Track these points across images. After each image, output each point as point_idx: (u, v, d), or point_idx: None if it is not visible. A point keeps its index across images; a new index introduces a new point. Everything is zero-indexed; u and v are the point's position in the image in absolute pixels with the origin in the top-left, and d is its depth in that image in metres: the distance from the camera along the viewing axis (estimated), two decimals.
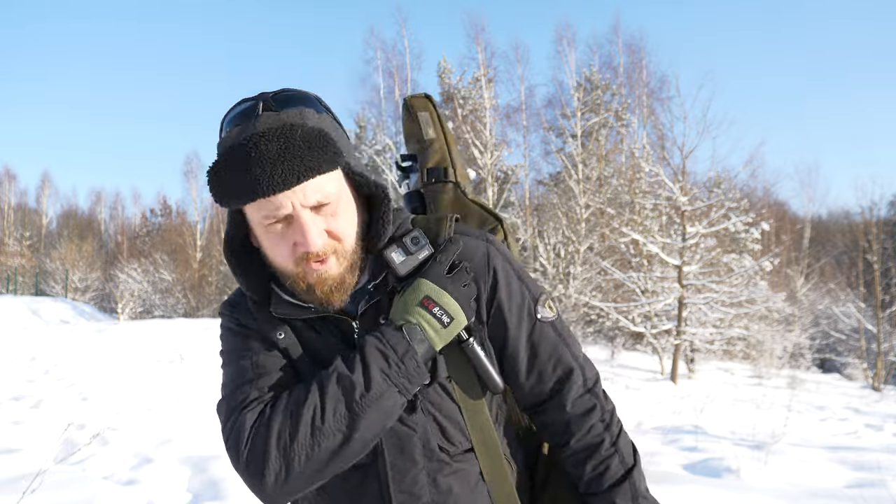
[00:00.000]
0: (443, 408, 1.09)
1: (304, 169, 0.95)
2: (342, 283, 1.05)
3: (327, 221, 1.02)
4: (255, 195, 0.95)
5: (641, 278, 17.24)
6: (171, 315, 28.60)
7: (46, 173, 61.37)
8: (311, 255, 1.01)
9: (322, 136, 0.98)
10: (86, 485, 3.81)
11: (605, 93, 27.29)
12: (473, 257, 1.13)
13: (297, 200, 0.97)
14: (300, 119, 1.00)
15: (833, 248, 32.83)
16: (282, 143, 0.95)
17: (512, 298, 1.14)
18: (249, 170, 0.94)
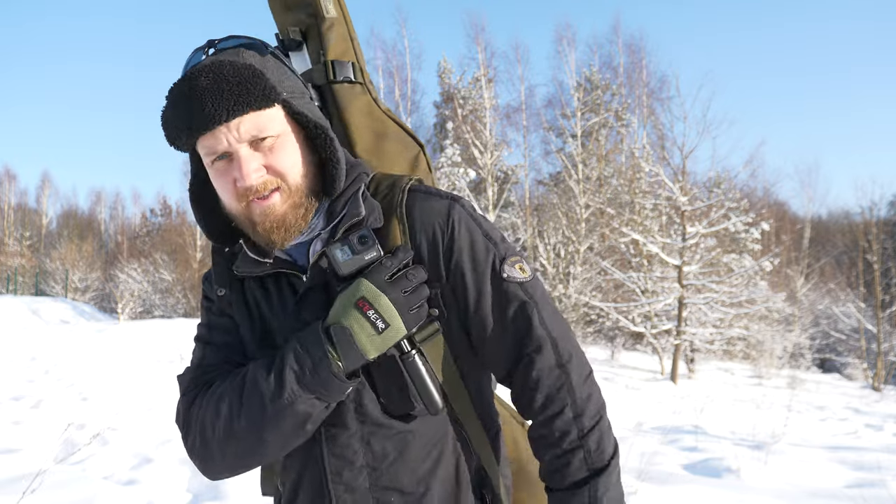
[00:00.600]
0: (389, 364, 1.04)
1: (234, 103, 0.95)
2: (284, 221, 1.02)
3: (266, 157, 1.00)
4: (191, 131, 0.96)
5: (641, 278, 17.24)
6: (171, 315, 28.61)
7: (46, 173, 61.57)
8: (251, 191, 1.00)
9: (253, 71, 0.97)
10: (86, 485, 3.81)
11: (605, 93, 27.30)
12: (435, 216, 1.06)
13: (232, 136, 0.97)
14: (234, 56, 1.00)
15: (833, 248, 32.83)
16: (211, 78, 0.95)
17: (475, 256, 1.06)
18: (184, 106, 0.95)
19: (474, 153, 23.02)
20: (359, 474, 1.03)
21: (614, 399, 9.88)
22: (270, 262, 1.07)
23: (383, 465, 1.04)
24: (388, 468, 1.04)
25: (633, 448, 5.71)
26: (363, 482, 1.03)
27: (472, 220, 1.08)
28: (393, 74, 29.16)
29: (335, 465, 1.04)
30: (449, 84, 29.11)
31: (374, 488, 1.04)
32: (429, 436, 1.06)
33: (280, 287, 1.09)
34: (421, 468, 1.05)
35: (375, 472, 1.04)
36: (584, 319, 20.81)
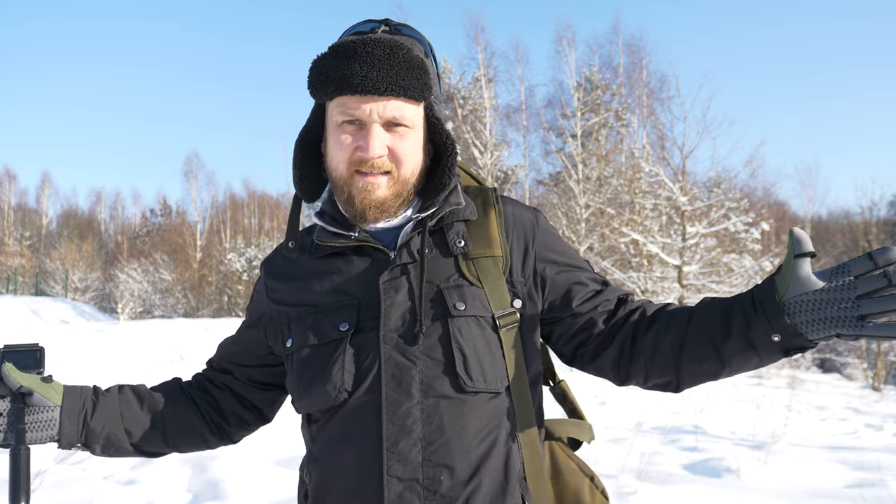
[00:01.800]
0: (477, 341, 1.07)
1: (395, 83, 1.03)
2: (383, 203, 1.09)
3: (394, 141, 1.07)
4: (347, 89, 1.03)
5: (641, 278, 17.25)
6: (171, 315, 28.61)
7: (46, 173, 61.57)
8: (367, 164, 1.06)
9: (422, 65, 1.06)
10: (86, 485, 3.81)
11: (605, 93, 27.31)
12: (526, 219, 1.18)
13: (377, 109, 1.04)
14: (410, 45, 1.09)
15: (833, 248, 32.80)
16: (387, 52, 1.03)
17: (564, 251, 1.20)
18: (351, 65, 1.02)
19: (474, 153, 23.03)
20: (414, 446, 1.03)
21: (614, 399, 9.88)
22: (356, 235, 1.12)
23: (440, 440, 1.03)
24: (443, 444, 1.03)
25: (633, 448, 5.71)
26: (417, 455, 1.03)
27: (552, 230, 1.22)
28: None
29: (393, 431, 1.03)
30: (449, 84, 29.11)
31: (427, 463, 1.03)
32: (486, 421, 1.07)
33: (361, 259, 1.13)
34: (475, 452, 1.05)
35: (430, 446, 1.03)
36: None
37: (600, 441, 6.15)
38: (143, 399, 1.26)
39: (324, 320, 1.11)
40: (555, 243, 1.19)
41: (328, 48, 1.07)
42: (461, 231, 1.13)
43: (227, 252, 35.27)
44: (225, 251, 35.97)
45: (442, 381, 1.04)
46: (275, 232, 32.78)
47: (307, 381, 1.10)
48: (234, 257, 31.50)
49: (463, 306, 1.07)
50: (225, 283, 31.79)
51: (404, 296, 1.08)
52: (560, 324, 1.17)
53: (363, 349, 1.07)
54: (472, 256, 1.11)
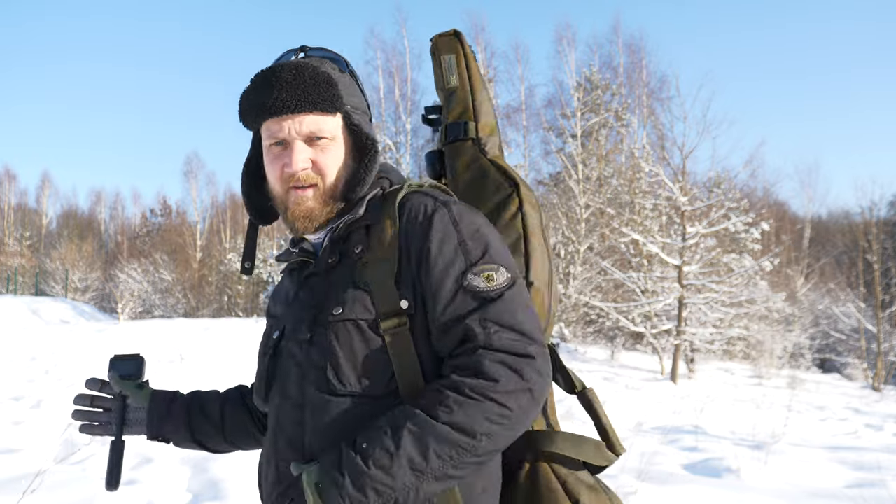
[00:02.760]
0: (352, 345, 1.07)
1: (304, 99, 1.11)
2: (311, 213, 1.16)
3: (315, 154, 1.15)
4: (265, 113, 1.13)
5: (641, 278, 17.24)
6: (171, 315, 28.61)
7: (46, 173, 61.52)
8: (294, 179, 1.14)
9: (328, 79, 1.13)
10: (86, 485, 3.81)
11: (605, 93, 27.29)
12: (419, 215, 1.11)
13: (294, 128, 1.13)
14: (317, 63, 1.18)
15: (833, 248, 32.83)
16: (293, 73, 1.12)
17: (440, 260, 1.07)
18: (264, 91, 1.12)
19: None
20: (289, 444, 1.11)
21: (614, 399, 9.88)
22: (296, 251, 1.22)
23: (305, 440, 1.09)
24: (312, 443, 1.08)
25: (633, 448, 5.71)
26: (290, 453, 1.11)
27: (451, 225, 1.10)
28: (393, 74, 29.17)
29: (277, 431, 1.14)
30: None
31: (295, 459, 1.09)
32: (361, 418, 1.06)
33: (300, 272, 1.23)
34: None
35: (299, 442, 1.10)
36: (584, 319, 20.82)
37: None
38: (210, 404, 1.42)
39: (270, 331, 1.25)
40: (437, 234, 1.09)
41: (249, 81, 1.16)
42: (361, 237, 1.15)
43: (227, 252, 35.26)
44: (225, 251, 35.96)
45: (316, 384, 1.09)
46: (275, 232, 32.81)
47: (255, 387, 1.24)
48: (234, 257, 31.50)
49: (340, 311, 1.09)
50: (225, 283, 31.78)
51: (302, 304, 1.17)
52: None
53: (278, 355, 1.19)
54: (365, 261, 1.13)
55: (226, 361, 10.30)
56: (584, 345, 19.54)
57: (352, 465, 0.96)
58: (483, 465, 1.02)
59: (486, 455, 0.99)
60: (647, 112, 28.34)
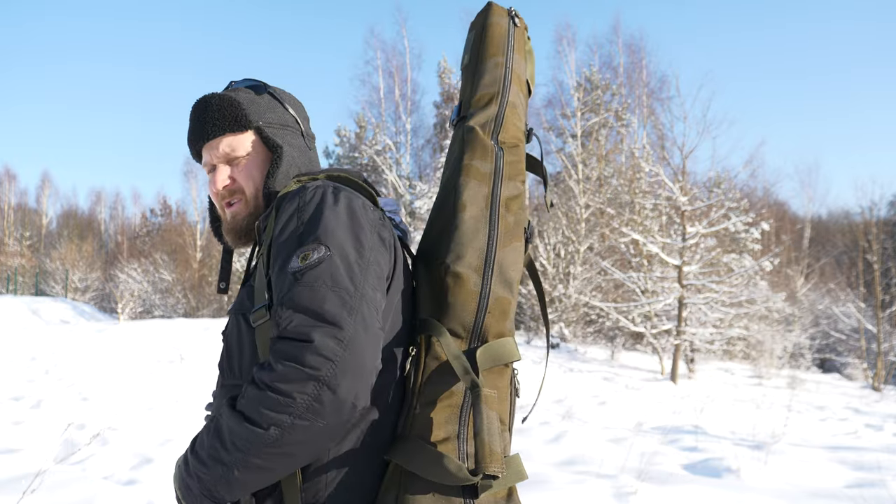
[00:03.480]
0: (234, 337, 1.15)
1: (213, 125, 1.25)
2: (236, 225, 1.26)
3: (233, 171, 1.26)
4: (192, 145, 1.31)
5: (641, 278, 17.24)
6: (171, 315, 28.60)
7: (46, 173, 61.54)
8: (219, 196, 1.27)
9: (232, 104, 1.25)
10: (86, 485, 3.80)
11: (605, 93, 27.30)
12: (280, 205, 1.12)
13: (212, 153, 1.27)
14: (231, 92, 1.28)
15: (833, 248, 32.83)
16: (201, 108, 1.26)
17: (276, 246, 1.06)
18: (189, 127, 1.30)
19: None
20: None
21: (614, 399, 9.88)
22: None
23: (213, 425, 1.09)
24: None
25: (633, 448, 5.71)
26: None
27: (296, 211, 1.07)
28: (393, 74, 29.17)
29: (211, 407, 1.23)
30: (449, 84, 29.11)
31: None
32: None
33: None
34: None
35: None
36: (584, 319, 20.82)
37: (600, 441, 6.15)
38: None
39: None
40: (280, 221, 1.07)
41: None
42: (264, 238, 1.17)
43: None
44: None
45: (220, 372, 1.20)
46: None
47: None
48: (234, 257, 31.44)
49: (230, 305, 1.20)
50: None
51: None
52: None
53: None
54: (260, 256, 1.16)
55: None
56: (584, 345, 19.54)
57: (186, 453, 1.04)
58: (297, 458, 0.95)
59: (294, 446, 0.92)
60: (647, 112, 28.35)
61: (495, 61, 1.31)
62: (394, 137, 28.50)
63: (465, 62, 1.37)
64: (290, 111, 1.34)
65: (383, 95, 29.16)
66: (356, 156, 29.53)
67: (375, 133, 28.88)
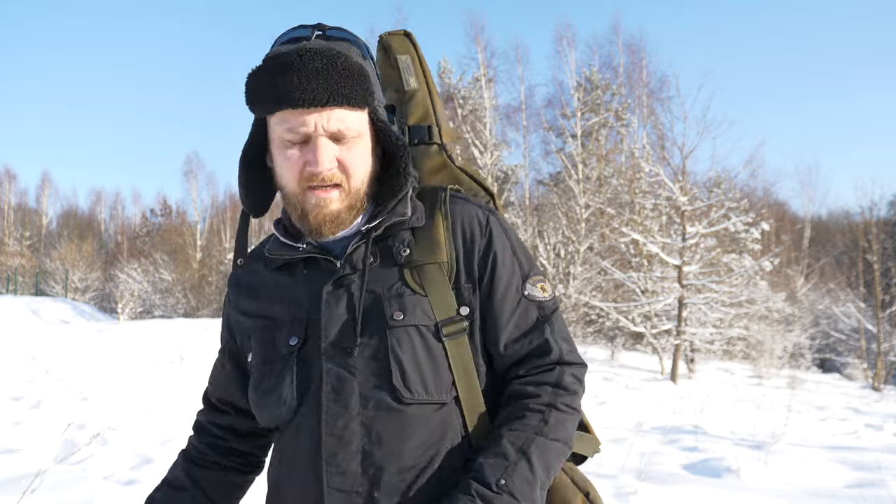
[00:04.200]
0: (417, 352, 1.05)
1: (336, 93, 1.00)
2: (337, 216, 1.07)
3: (341, 152, 1.04)
4: (287, 103, 0.99)
5: (641, 278, 17.24)
6: (171, 315, 28.60)
7: (46, 173, 61.49)
8: (317, 178, 1.03)
9: (361, 72, 1.03)
10: (86, 485, 3.80)
11: (605, 93, 27.29)
12: (474, 221, 1.13)
13: (321, 122, 1.01)
14: (347, 51, 1.06)
15: (833, 248, 32.82)
16: (324, 62, 0.99)
17: (504, 269, 1.12)
18: (288, 77, 0.98)
19: (474, 153, 23.02)
20: (352, 458, 1.03)
21: (614, 399, 9.88)
22: (304, 247, 1.11)
23: (378, 452, 1.03)
24: (382, 456, 1.03)
25: (633, 448, 5.71)
26: (356, 466, 1.03)
27: (504, 234, 1.15)
28: None
29: (331, 443, 1.04)
30: (449, 84, 29.10)
31: (366, 474, 1.03)
32: (429, 433, 1.06)
33: (311, 271, 1.12)
34: (415, 464, 1.05)
35: (368, 458, 1.03)
36: (584, 319, 20.81)
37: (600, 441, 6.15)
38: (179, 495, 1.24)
39: (276, 335, 1.12)
40: (501, 245, 1.13)
41: (263, 60, 1.02)
42: (406, 239, 1.11)
43: (227, 252, 35.24)
44: (225, 251, 35.95)
45: (380, 393, 1.04)
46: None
47: (261, 396, 1.11)
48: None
49: (401, 316, 1.05)
50: (225, 283, 31.74)
51: (344, 307, 1.07)
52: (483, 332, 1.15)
53: (308, 363, 1.07)
54: (416, 264, 1.09)
55: None
56: (584, 345, 19.53)
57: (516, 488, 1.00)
58: None
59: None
60: (647, 112, 28.34)
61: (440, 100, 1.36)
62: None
63: (411, 85, 1.31)
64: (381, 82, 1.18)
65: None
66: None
67: None
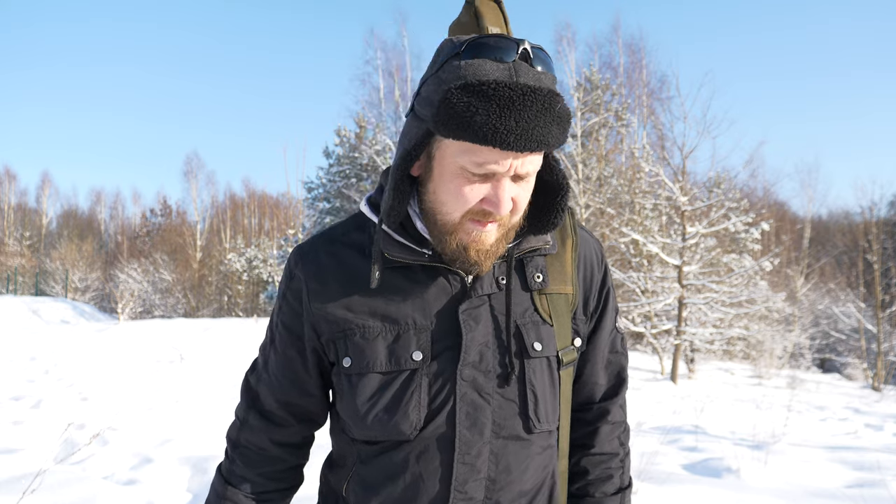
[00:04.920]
0: (546, 382, 1.07)
1: (547, 141, 0.91)
2: (496, 249, 1.00)
3: (516, 191, 0.97)
4: (497, 143, 0.88)
5: (641, 278, 17.24)
6: (171, 315, 28.59)
7: (46, 173, 61.40)
8: (490, 216, 0.96)
9: (569, 116, 0.94)
10: (86, 485, 3.80)
11: (605, 93, 27.28)
12: (593, 253, 1.18)
13: (517, 165, 0.93)
14: (556, 88, 0.95)
15: (833, 248, 32.82)
16: (545, 106, 0.90)
17: (611, 306, 1.20)
18: (507, 115, 0.87)
19: None
20: (479, 486, 1.03)
21: None
22: (430, 253, 1.03)
23: (503, 480, 1.04)
24: (506, 484, 1.05)
25: (633, 448, 5.71)
26: (480, 493, 1.03)
27: (609, 268, 1.22)
28: (393, 74, 29.18)
29: (463, 471, 1.01)
30: None
31: (488, 500, 1.04)
32: (543, 460, 1.09)
33: (436, 281, 1.04)
34: (530, 489, 1.08)
35: (494, 485, 1.04)
36: None
37: None
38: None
39: (395, 345, 1.02)
40: (610, 284, 1.20)
41: (471, 82, 0.89)
42: (540, 265, 1.09)
43: (227, 252, 35.25)
44: (225, 251, 35.96)
45: (514, 422, 1.03)
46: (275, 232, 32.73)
47: (379, 412, 1.02)
48: (234, 257, 31.47)
49: (540, 347, 1.05)
50: (225, 283, 31.77)
51: (484, 329, 1.02)
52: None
53: (437, 382, 1.01)
54: (546, 292, 1.08)
55: (226, 362, 10.31)
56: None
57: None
58: None
59: None
60: (647, 112, 28.34)
61: None
62: (394, 137, 28.45)
63: None
64: None
65: (383, 95, 29.17)
66: (356, 156, 29.47)
67: (375, 133, 28.88)
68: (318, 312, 1.06)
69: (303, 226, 28.10)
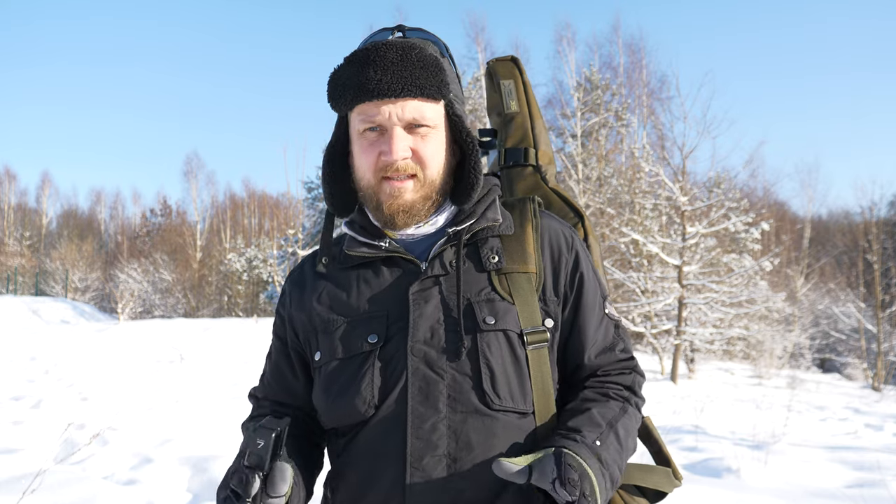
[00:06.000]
0: (505, 358, 1.05)
1: (410, 84, 1.01)
2: (411, 207, 1.07)
3: (415, 142, 1.06)
4: (364, 94, 1.02)
5: (641, 278, 17.23)
6: (171, 315, 28.60)
7: (46, 173, 61.42)
8: (392, 168, 1.04)
9: (437, 63, 1.05)
10: (86, 485, 3.80)
11: (605, 93, 27.28)
12: (561, 237, 1.16)
13: (395, 112, 1.03)
14: (422, 45, 1.09)
15: (833, 248, 32.82)
16: (399, 54, 1.02)
17: (589, 288, 1.17)
18: (364, 70, 1.01)
19: None
20: (439, 462, 1.00)
21: None
22: (386, 245, 1.11)
23: (466, 457, 1.01)
24: (469, 461, 1.01)
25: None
26: (441, 471, 1.00)
27: (586, 255, 1.19)
28: None
29: (418, 446, 1.00)
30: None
31: (451, 480, 1.00)
32: (515, 441, 1.05)
33: (391, 270, 1.12)
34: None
35: (456, 462, 1.01)
36: None
37: None
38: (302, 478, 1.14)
39: (352, 332, 1.08)
40: (587, 267, 1.17)
41: (343, 59, 1.06)
42: (495, 246, 1.11)
43: (227, 252, 35.26)
44: (225, 251, 35.96)
45: (469, 396, 1.02)
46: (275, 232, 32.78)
47: (335, 395, 1.07)
48: (234, 257, 31.50)
49: (493, 320, 1.05)
50: (225, 283, 31.78)
51: (434, 307, 1.06)
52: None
53: (390, 361, 1.04)
54: (505, 272, 1.09)
55: (226, 361, 10.31)
56: None
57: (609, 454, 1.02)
58: None
59: None
60: (647, 112, 28.32)
61: (543, 123, 1.41)
62: None
63: (511, 108, 1.37)
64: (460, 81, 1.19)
65: None
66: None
67: None
68: (295, 315, 1.18)
69: (303, 226, 28.07)
